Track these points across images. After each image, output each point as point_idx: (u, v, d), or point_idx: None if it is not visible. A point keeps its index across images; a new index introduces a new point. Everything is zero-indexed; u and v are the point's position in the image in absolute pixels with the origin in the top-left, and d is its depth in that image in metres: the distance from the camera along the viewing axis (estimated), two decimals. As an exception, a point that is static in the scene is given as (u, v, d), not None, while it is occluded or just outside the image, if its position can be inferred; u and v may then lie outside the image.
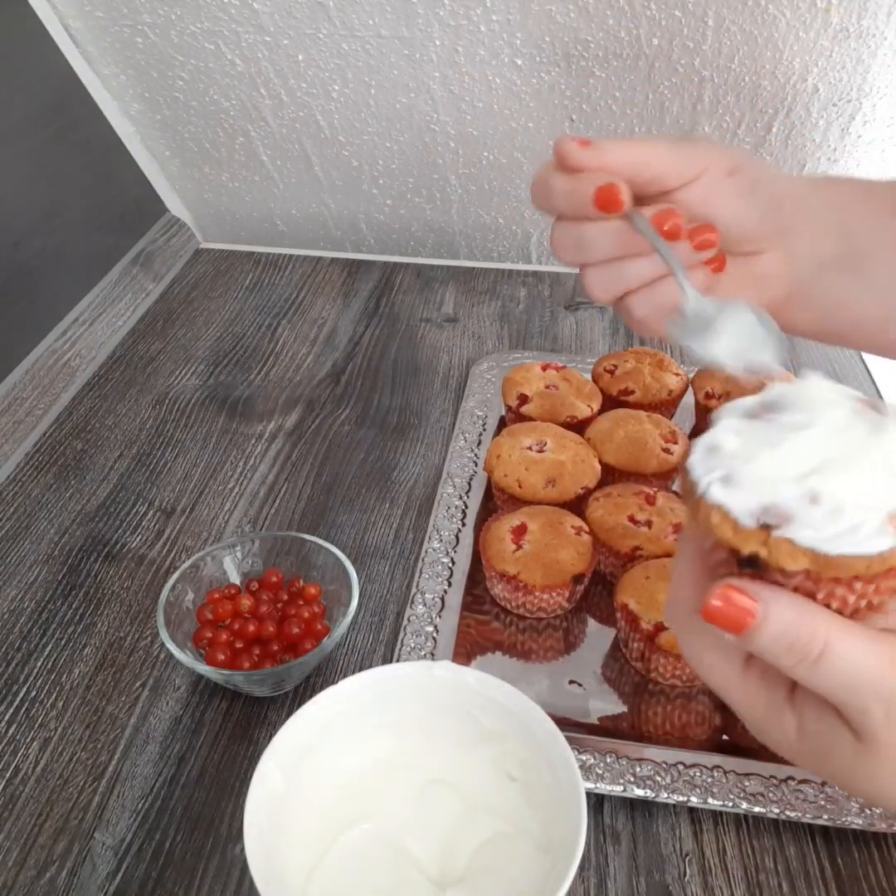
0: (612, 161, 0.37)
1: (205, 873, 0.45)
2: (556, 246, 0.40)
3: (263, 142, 1.00)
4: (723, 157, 0.39)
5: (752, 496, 0.27)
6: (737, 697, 0.31)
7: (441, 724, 0.42)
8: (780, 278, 0.42)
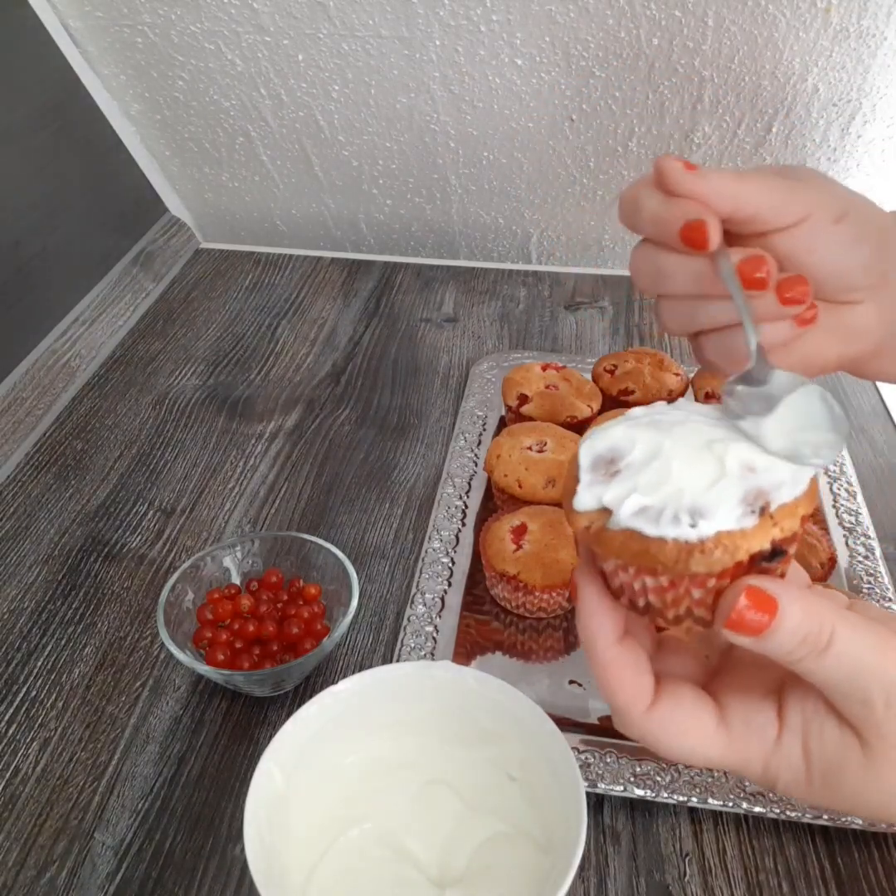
0: (713, 192, 0.34)
1: (205, 873, 0.45)
2: (634, 269, 0.38)
3: (263, 142, 1.00)
4: (831, 201, 0.36)
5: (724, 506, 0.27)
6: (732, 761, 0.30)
7: (441, 724, 0.42)
8: (871, 331, 0.39)
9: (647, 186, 0.35)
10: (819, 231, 0.36)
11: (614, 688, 0.30)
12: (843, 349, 0.39)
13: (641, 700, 0.30)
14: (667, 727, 0.30)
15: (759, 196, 0.35)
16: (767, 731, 0.30)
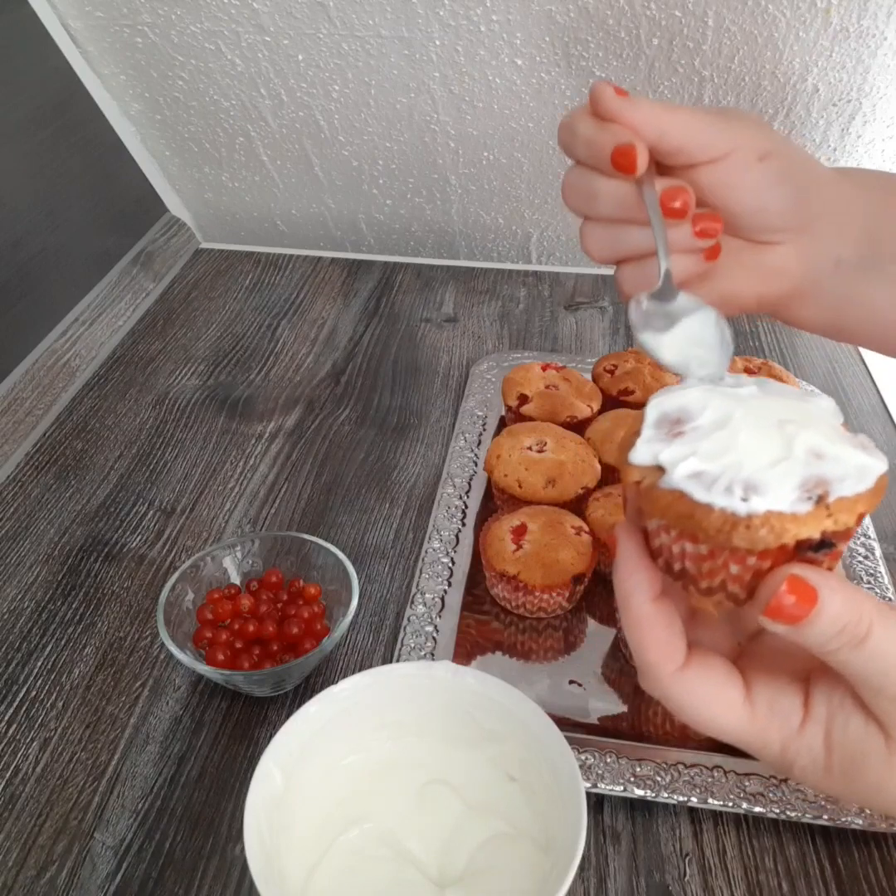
0: (642, 120, 0.35)
1: (205, 873, 0.45)
2: (566, 189, 0.39)
3: (263, 142, 1.00)
4: (756, 139, 0.37)
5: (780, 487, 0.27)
6: (750, 739, 0.30)
7: (441, 724, 0.42)
8: (791, 273, 0.40)
9: (582, 113, 0.37)
10: (741, 167, 0.37)
11: (646, 644, 0.30)
12: (762, 289, 0.40)
13: (672, 660, 0.30)
14: (694, 691, 0.30)
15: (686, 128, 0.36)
16: (792, 716, 0.30)
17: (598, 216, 0.38)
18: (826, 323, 0.43)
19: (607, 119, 0.36)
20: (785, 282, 0.40)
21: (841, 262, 0.40)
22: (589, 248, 0.39)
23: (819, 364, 0.83)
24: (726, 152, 0.36)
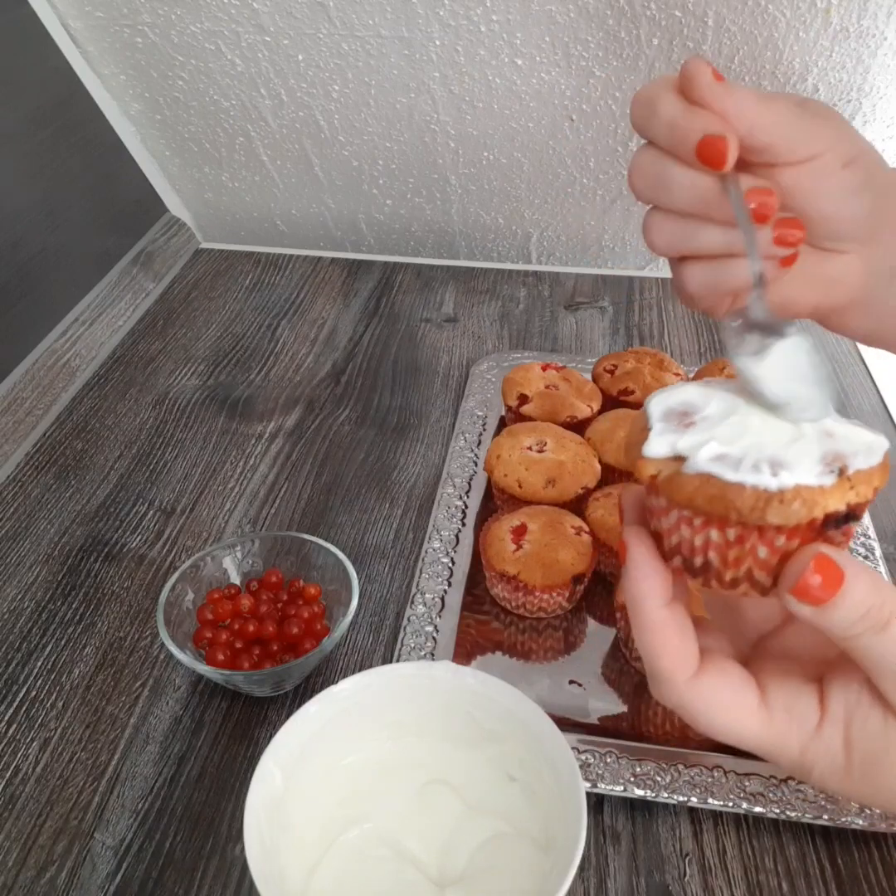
0: (736, 110, 0.32)
1: (205, 873, 0.45)
2: (634, 172, 0.35)
3: (263, 142, 1.00)
4: (844, 144, 0.35)
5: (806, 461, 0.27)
6: (769, 745, 0.30)
7: (441, 724, 0.42)
8: (852, 283, 0.38)
9: (667, 89, 0.33)
10: (826, 173, 0.35)
11: (659, 651, 0.29)
12: (820, 298, 0.38)
13: (687, 667, 0.29)
14: (709, 699, 0.29)
15: (779, 126, 0.33)
16: (809, 717, 0.29)
17: (670, 207, 0.35)
18: (871, 331, 0.41)
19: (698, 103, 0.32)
20: (845, 292, 0.39)
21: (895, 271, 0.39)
22: (654, 240, 0.36)
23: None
24: (813, 155, 0.34)
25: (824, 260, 0.37)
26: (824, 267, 0.37)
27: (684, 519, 0.29)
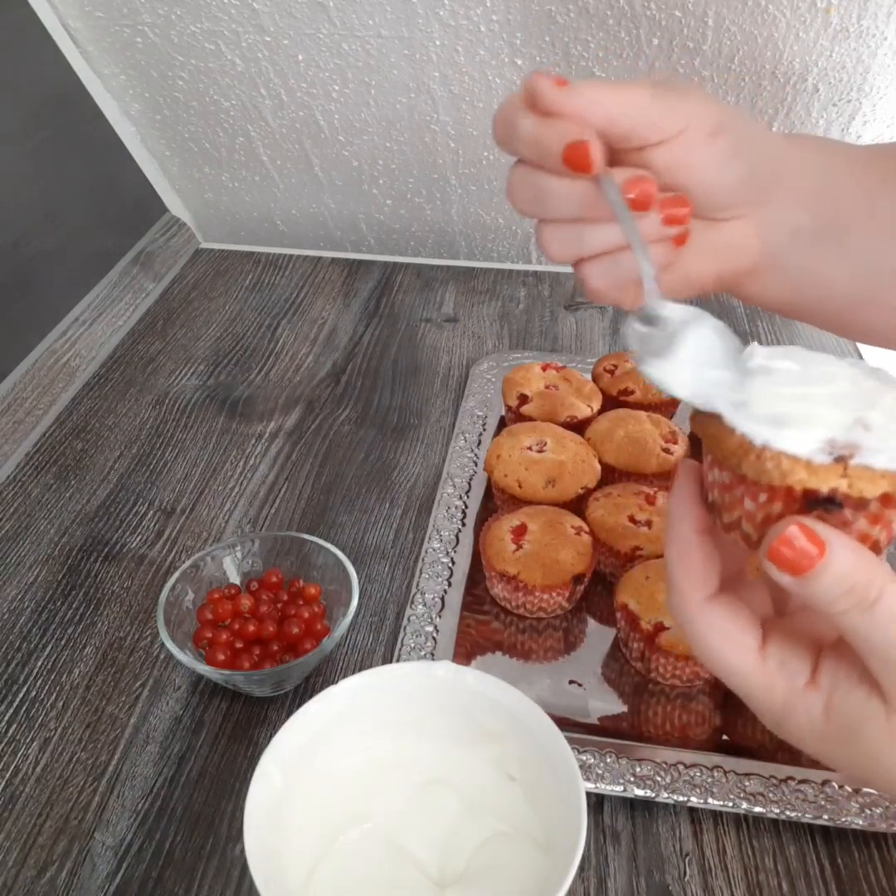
0: (588, 108, 0.33)
1: (205, 873, 0.45)
2: (513, 193, 0.36)
3: (263, 142, 1.00)
4: (708, 114, 0.35)
5: (807, 433, 0.27)
6: (754, 686, 0.30)
7: (441, 724, 0.42)
8: (748, 248, 0.39)
9: (520, 106, 0.34)
10: (694, 145, 0.35)
11: (682, 568, 0.31)
12: (722, 266, 0.39)
13: (702, 589, 0.31)
14: (714, 625, 0.31)
15: (635, 110, 0.34)
16: (797, 678, 0.30)
17: (553, 218, 0.36)
18: (783, 300, 0.41)
19: (550, 113, 0.33)
20: (743, 257, 0.39)
21: (798, 231, 0.39)
22: (549, 252, 0.36)
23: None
24: (679, 130, 0.34)
25: (717, 229, 0.38)
26: (718, 236, 0.38)
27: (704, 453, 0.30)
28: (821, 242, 0.39)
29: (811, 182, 0.39)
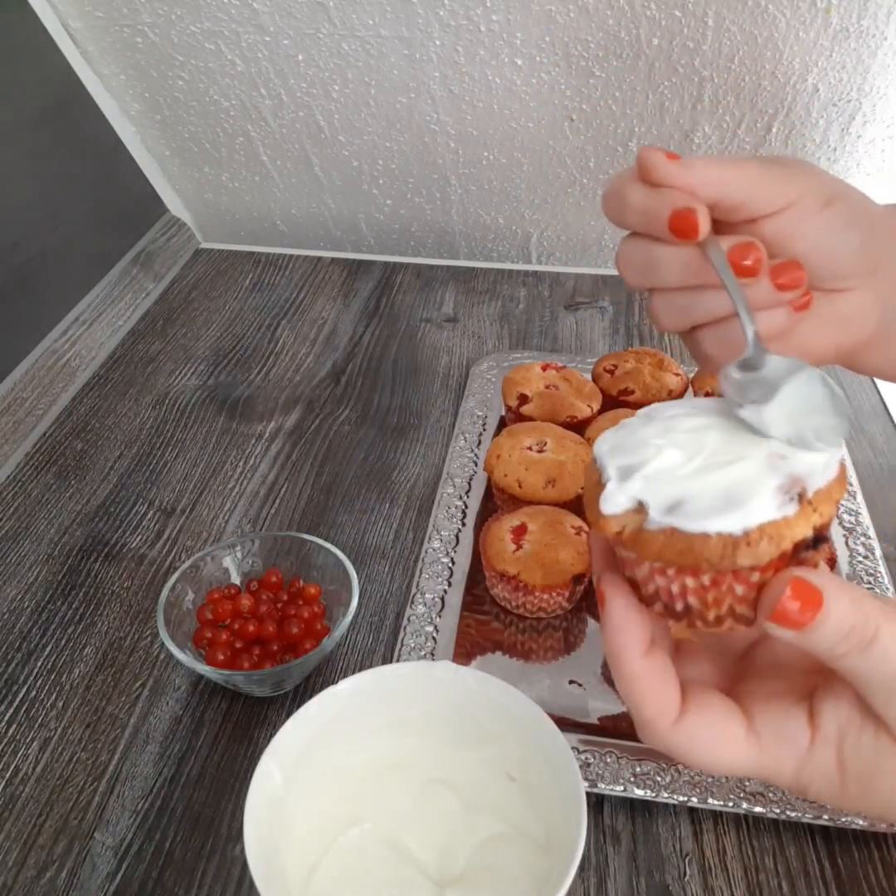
0: (699, 180, 0.33)
1: (205, 873, 0.45)
2: (622, 263, 0.37)
3: (263, 142, 1.00)
4: (819, 186, 0.36)
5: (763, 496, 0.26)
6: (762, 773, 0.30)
7: (441, 724, 0.42)
8: (866, 319, 0.38)
9: (631, 179, 0.35)
10: (807, 216, 0.35)
11: (640, 701, 0.30)
12: (840, 339, 0.39)
13: (668, 713, 0.30)
14: (695, 739, 0.29)
15: (746, 182, 0.34)
16: (798, 739, 0.29)
17: (664, 286, 0.36)
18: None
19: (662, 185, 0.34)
20: (861, 328, 0.39)
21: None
22: (661, 321, 0.37)
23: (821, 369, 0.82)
24: (790, 202, 0.35)
25: (834, 300, 0.38)
26: (836, 307, 0.38)
27: (657, 570, 0.29)
28: None
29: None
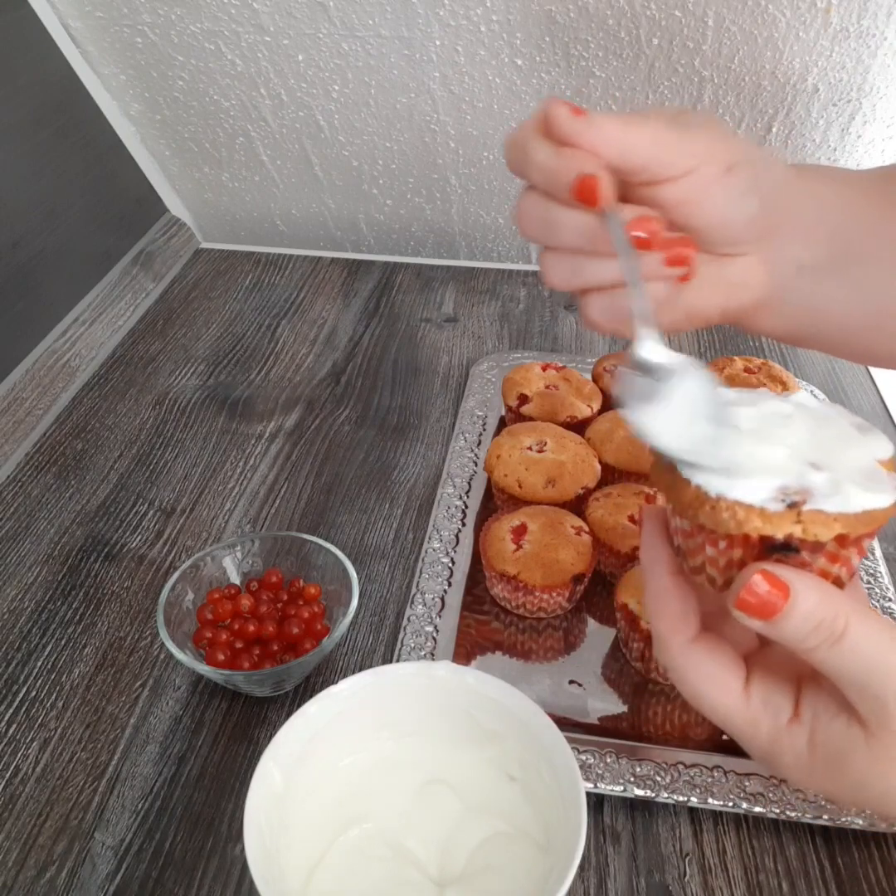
0: (602, 141, 0.33)
1: (205, 873, 0.45)
2: (520, 217, 0.36)
3: (263, 142, 1.00)
4: (722, 152, 0.35)
5: (760, 482, 0.27)
6: (740, 725, 0.31)
7: (441, 724, 0.42)
8: (754, 284, 0.39)
9: (535, 132, 0.34)
10: (706, 182, 0.35)
11: (661, 613, 0.32)
12: (727, 301, 0.39)
13: (683, 631, 0.31)
14: (698, 666, 0.31)
15: (649, 145, 0.34)
16: (781, 714, 0.30)
17: (559, 245, 0.36)
18: (789, 331, 0.42)
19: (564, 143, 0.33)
20: (749, 293, 0.39)
21: (802, 266, 0.39)
22: (550, 279, 0.37)
23: (819, 364, 0.83)
24: (693, 167, 0.35)
25: (723, 265, 0.38)
26: (725, 272, 0.38)
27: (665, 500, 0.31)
28: (826, 277, 0.39)
29: (818, 218, 0.39)
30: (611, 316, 0.36)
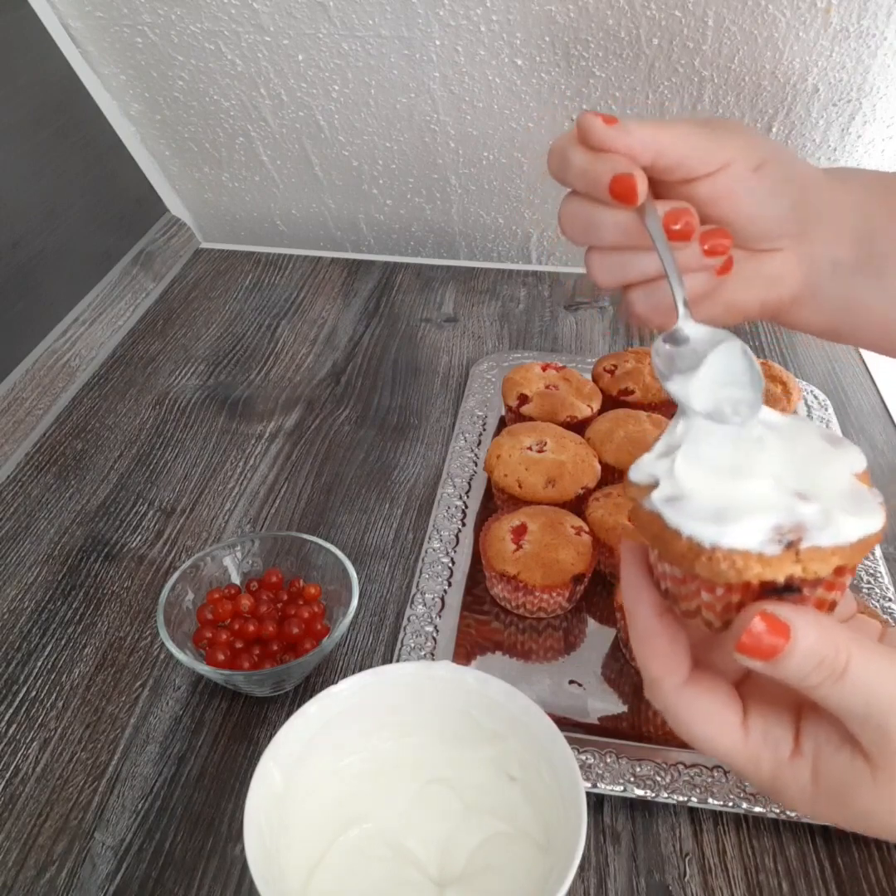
0: (636, 145, 0.35)
1: (205, 873, 0.45)
2: (563, 221, 0.38)
3: (263, 142, 1.00)
4: (751, 149, 0.37)
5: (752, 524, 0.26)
6: (742, 762, 0.30)
7: (441, 724, 0.42)
8: (791, 279, 0.40)
9: (573, 141, 0.36)
10: (738, 178, 0.37)
11: (650, 657, 0.31)
12: (764, 296, 0.40)
13: (675, 673, 0.31)
14: (693, 707, 0.30)
15: (681, 146, 0.36)
16: (782, 747, 0.30)
17: (600, 245, 0.38)
18: (826, 326, 0.43)
19: (600, 149, 0.35)
20: (786, 287, 0.41)
21: (838, 263, 0.40)
22: (596, 277, 0.39)
23: (819, 364, 0.83)
24: (723, 164, 0.36)
25: (760, 260, 0.40)
26: (762, 267, 0.40)
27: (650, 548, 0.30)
28: (860, 274, 0.40)
29: (850, 218, 0.40)
30: (654, 307, 0.38)
